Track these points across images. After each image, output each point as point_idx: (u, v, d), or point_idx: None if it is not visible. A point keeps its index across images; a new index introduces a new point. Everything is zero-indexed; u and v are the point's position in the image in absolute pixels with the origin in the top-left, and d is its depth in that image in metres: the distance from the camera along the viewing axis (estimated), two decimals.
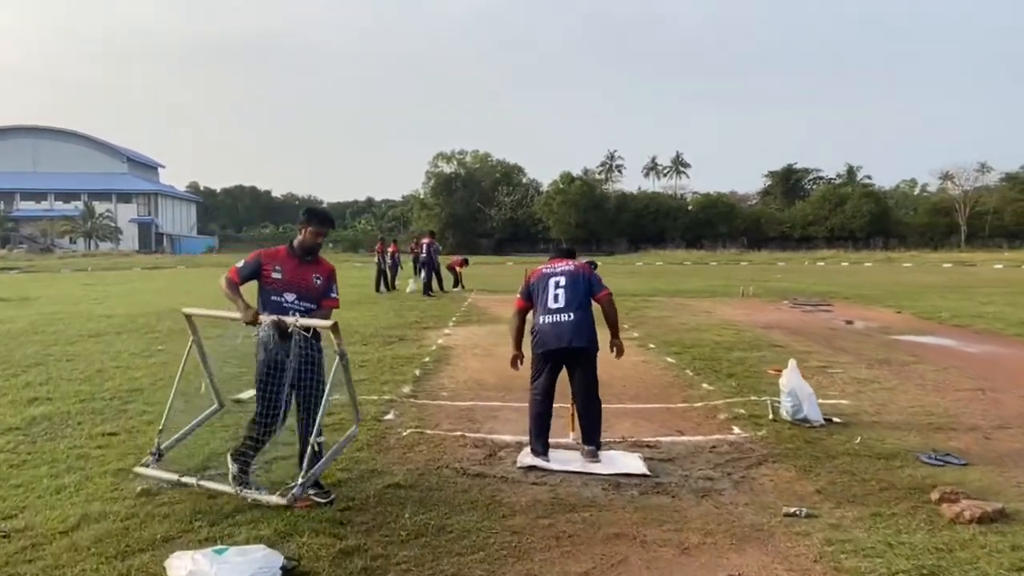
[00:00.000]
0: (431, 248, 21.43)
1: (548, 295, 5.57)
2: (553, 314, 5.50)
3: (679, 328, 13.20)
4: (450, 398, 7.67)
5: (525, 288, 5.80)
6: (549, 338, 5.48)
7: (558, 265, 5.77)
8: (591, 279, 5.66)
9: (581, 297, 5.55)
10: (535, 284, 5.72)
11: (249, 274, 4.94)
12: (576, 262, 5.80)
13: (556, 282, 5.62)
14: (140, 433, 6.13)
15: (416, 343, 11.53)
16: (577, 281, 5.59)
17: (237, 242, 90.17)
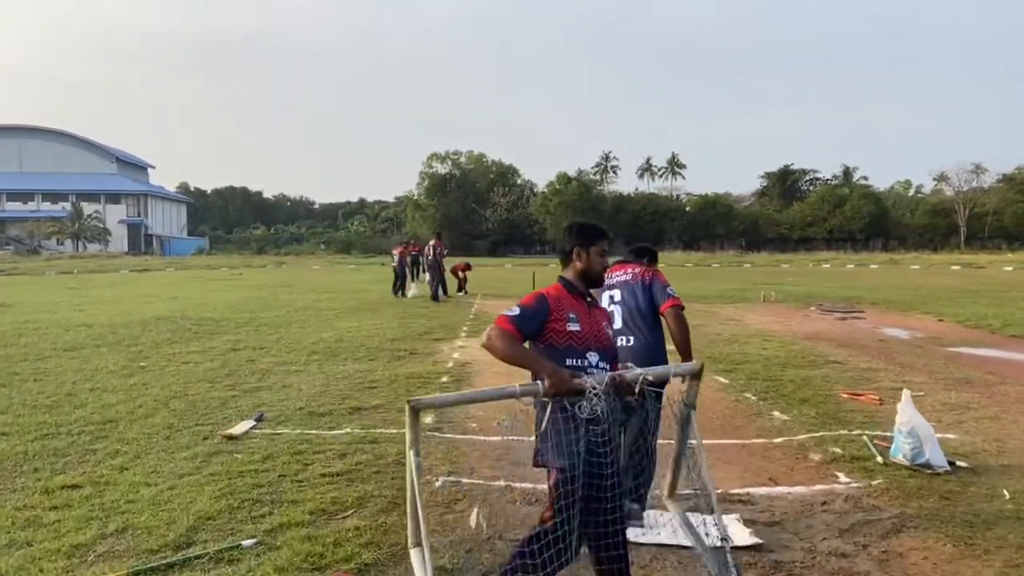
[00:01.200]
0: (438, 251, 20.23)
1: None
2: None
3: (716, 340, 12.04)
4: (481, 431, 6.49)
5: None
6: None
7: (616, 274, 4.58)
8: (651, 287, 4.45)
9: (643, 313, 4.38)
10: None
11: (537, 327, 3.16)
12: (640, 267, 4.62)
13: (611, 296, 4.51)
14: (109, 486, 4.91)
15: (429, 358, 10.34)
16: (634, 293, 4.44)
17: (228, 243, 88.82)
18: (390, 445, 5.87)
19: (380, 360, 10.09)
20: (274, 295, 22.20)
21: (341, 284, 28.69)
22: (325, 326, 13.93)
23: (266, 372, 9.19)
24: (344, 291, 24.14)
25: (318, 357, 10.30)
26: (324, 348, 11.13)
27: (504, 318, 3.10)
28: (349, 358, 10.24)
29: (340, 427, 6.46)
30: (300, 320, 14.91)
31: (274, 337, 12.36)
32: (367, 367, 9.51)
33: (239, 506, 4.52)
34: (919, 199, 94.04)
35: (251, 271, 43.59)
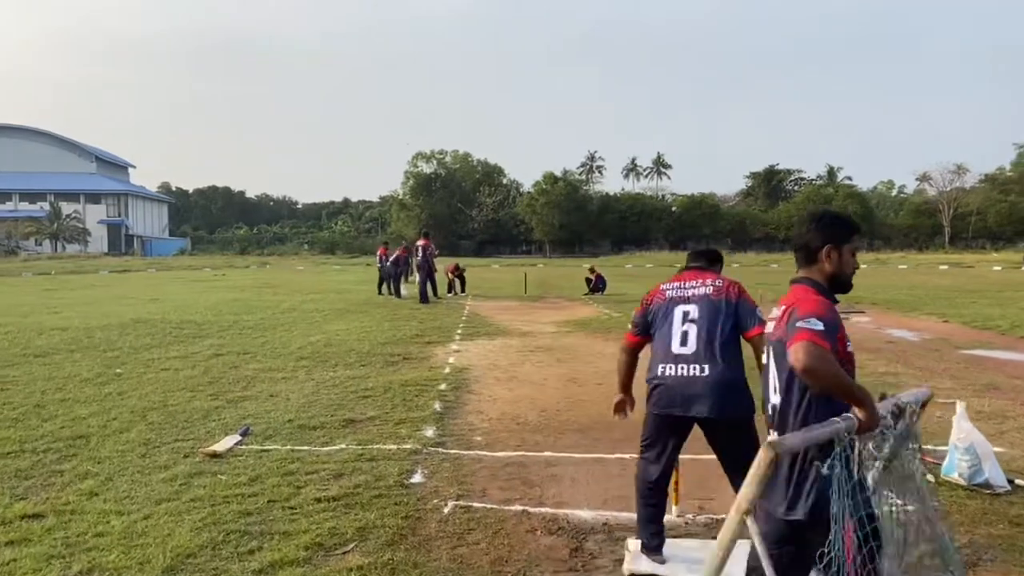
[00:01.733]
0: (427, 252, 19.65)
1: (672, 332, 3.74)
2: (679, 363, 3.67)
3: None
4: (488, 445, 5.96)
5: (641, 316, 3.95)
6: (672, 397, 3.68)
7: (691, 284, 3.84)
8: (739, 307, 3.71)
9: (724, 338, 3.65)
10: (655, 310, 3.88)
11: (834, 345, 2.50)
12: (721, 278, 3.88)
13: (684, 313, 3.75)
14: (76, 515, 4.35)
15: (424, 363, 9.80)
16: (717, 312, 3.69)
17: (210, 244, 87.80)
18: (389, 464, 5.33)
19: (372, 366, 9.53)
20: (258, 297, 21.58)
21: (326, 285, 28.07)
22: (312, 329, 13.35)
23: (251, 380, 8.62)
24: (330, 292, 23.54)
25: (306, 363, 9.74)
26: (312, 353, 10.56)
27: (812, 333, 2.39)
28: (339, 364, 9.68)
29: (334, 442, 5.92)
30: (286, 323, 14.32)
31: (259, 341, 11.78)
32: (359, 373, 8.96)
33: (224, 540, 3.97)
34: (902, 199, 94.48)
35: (234, 272, 42.81)
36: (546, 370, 9.35)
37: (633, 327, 4.03)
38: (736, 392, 3.63)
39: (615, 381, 4.22)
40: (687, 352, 3.67)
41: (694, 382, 3.62)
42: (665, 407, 3.72)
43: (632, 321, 4.05)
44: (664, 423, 3.78)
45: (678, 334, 3.73)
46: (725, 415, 3.61)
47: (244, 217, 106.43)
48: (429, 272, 19.57)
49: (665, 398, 3.71)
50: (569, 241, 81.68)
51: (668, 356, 3.73)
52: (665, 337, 3.77)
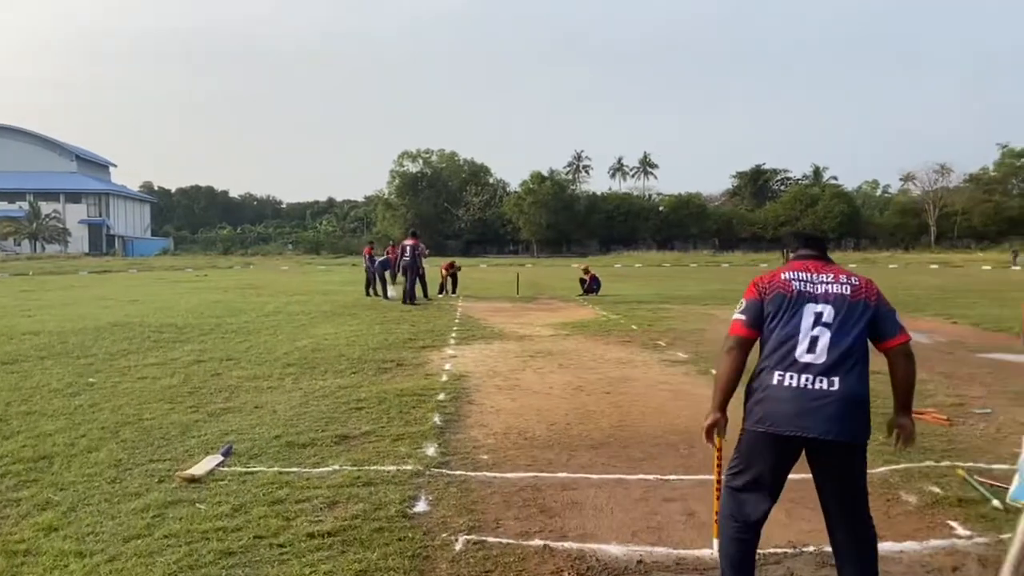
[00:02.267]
0: (416, 251, 19.03)
1: (800, 334, 3.08)
2: (803, 373, 3.03)
3: None
4: (496, 465, 5.41)
5: (756, 303, 3.20)
6: (784, 413, 3.03)
7: (822, 278, 3.17)
8: (878, 311, 3.12)
9: (859, 348, 3.07)
10: (773, 303, 3.16)
11: None
12: (855, 275, 3.24)
13: (817, 314, 3.09)
14: (30, 557, 3.76)
15: (419, 370, 9.22)
16: (854, 316, 3.08)
17: (193, 244, 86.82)
18: (389, 489, 4.77)
19: (364, 373, 8.95)
20: (242, 298, 20.91)
21: (312, 286, 27.41)
22: (299, 333, 12.75)
23: (235, 389, 8.03)
24: (316, 293, 22.90)
25: (293, 370, 9.14)
26: (300, 359, 9.97)
27: None
28: (329, 371, 9.10)
29: (326, 463, 5.35)
30: (271, 326, 13.70)
31: (243, 346, 11.17)
32: (350, 382, 8.38)
33: None
34: (887, 199, 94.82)
35: (217, 272, 42.02)
36: (549, 377, 8.81)
37: (745, 317, 3.21)
38: (864, 411, 3.06)
39: (634, 390, 3.65)
40: (815, 361, 3.02)
41: (818, 397, 2.99)
42: (773, 424, 3.05)
43: (742, 309, 3.23)
44: (769, 444, 3.10)
45: (806, 338, 3.06)
46: (848, 437, 3.02)
47: (227, 217, 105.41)
48: (418, 272, 18.99)
49: (776, 413, 3.04)
50: (556, 241, 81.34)
51: (788, 362, 3.06)
52: (787, 339, 3.08)
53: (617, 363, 9.78)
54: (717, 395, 3.26)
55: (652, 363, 9.77)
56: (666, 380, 8.60)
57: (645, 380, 8.60)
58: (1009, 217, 76.02)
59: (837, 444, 3.01)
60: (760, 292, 3.21)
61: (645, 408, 7.17)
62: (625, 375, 8.93)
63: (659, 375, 8.93)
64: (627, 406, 7.26)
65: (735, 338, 3.22)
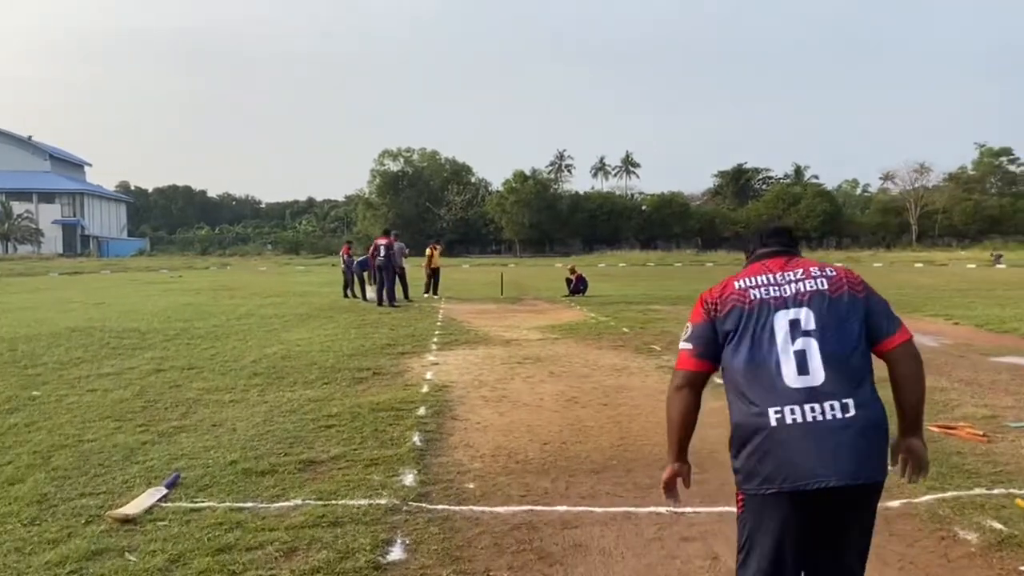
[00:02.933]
0: (390, 250, 18.21)
1: (779, 353, 2.36)
2: (804, 402, 2.30)
3: None
4: (485, 496, 4.69)
5: (706, 326, 2.52)
6: (804, 461, 2.27)
7: (788, 276, 2.50)
8: (869, 305, 2.44)
9: (860, 354, 2.38)
10: (729, 320, 2.48)
11: None
12: (829, 265, 2.56)
13: (792, 322, 2.40)
14: None
15: (398, 380, 8.48)
16: (842, 315, 2.41)
17: (170, 244, 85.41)
18: (359, 530, 4.04)
19: (337, 383, 8.20)
20: (214, 300, 20.03)
21: (289, 287, 26.54)
22: (270, 338, 11.96)
23: (193, 404, 7.25)
24: (292, 295, 22.06)
25: (260, 381, 8.37)
26: (268, 368, 9.20)
27: None
28: (299, 381, 8.34)
29: (287, 495, 4.61)
30: (241, 331, 12.89)
31: (208, 353, 10.37)
32: (321, 394, 7.63)
33: None
34: (867, 198, 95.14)
35: (192, 273, 40.99)
36: (539, 387, 8.10)
37: (692, 346, 2.52)
38: (885, 438, 2.37)
39: (632, 401, 2.99)
40: (813, 383, 2.31)
41: (836, 430, 2.27)
42: (791, 479, 2.27)
43: (687, 335, 2.55)
44: (787, 508, 2.32)
45: (790, 356, 2.35)
46: (878, 476, 2.32)
47: (206, 217, 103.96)
48: (396, 273, 18.20)
49: (791, 464, 2.27)
50: (539, 240, 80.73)
51: (780, 393, 2.32)
52: (763, 363, 2.37)
53: (611, 370, 9.09)
54: (672, 443, 2.59)
55: (649, 370, 9.08)
56: (665, 390, 7.89)
57: (643, 390, 7.92)
58: (989, 216, 76.45)
59: (862, 488, 2.29)
60: (709, 310, 2.52)
61: (646, 423, 6.48)
62: (621, 384, 8.24)
63: (657, 384, 8.24)
64: (627, 421, 6.58)
65: (683, 374, 2.54)
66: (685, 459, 2.60)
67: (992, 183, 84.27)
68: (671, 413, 2.57)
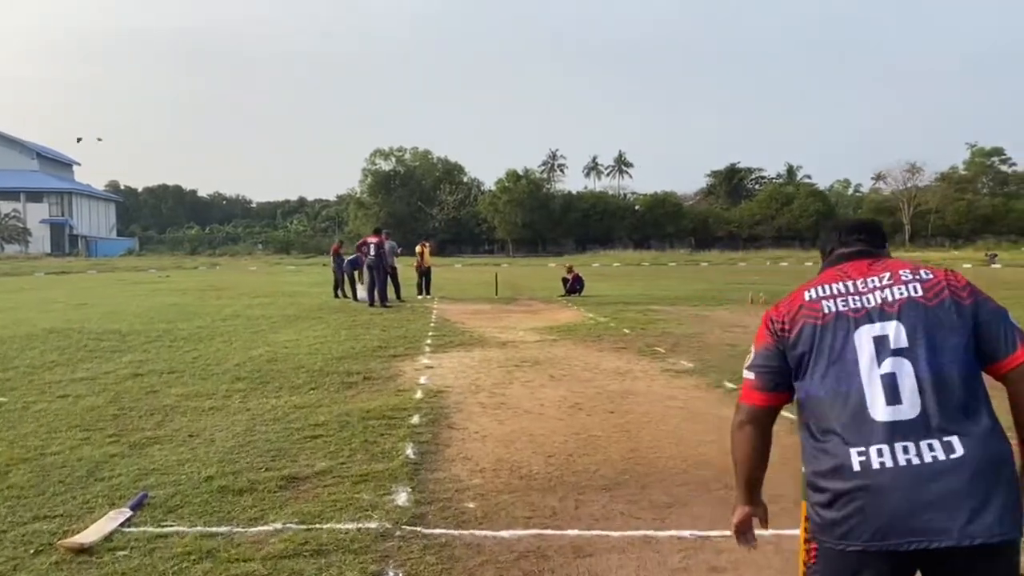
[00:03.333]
0: (380, 249, 17.71)
1: (859, 379, 1.89)
2: (893, 440, 1.82)
3: (737, 352, 9.95)
4: (486, 518, 4.22)
5: (773, 351, 2.06)
6: (894, 515, 1.78)
7: (871, 282, 2.00)
8: (979, 313, 1.92)
9: (970, 376, 1.87)
10: (801, 342, 2.00)
11: None
12: (926, 267, 2.07)
13: (878, 339, 1.91)
14: None
15: (390, 385, 8.00)
16: (942, 323, 1.91)
17: (160, 244, 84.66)
18: (346, 561, 3.56)
19: (325, 389, 7.72)
20: (200, 301, 19.49)
21: (278, 287, 26.01)
22: (256, 340, 11.46)
23: (170, 411, 6.76)
24: (281, 295, 21.54)
25: (243, 386, 7.88)
26: (252, 371, 8.70)
27: None
28: (284, 386, 7.85)
29: (266, 518, 4.13)
30: (226, 332, 12.38)
31: (190, 356, 9.87)
32: (308, 400, 7.15)
33: None
34: (859, 198, 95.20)
35: (180, 273, 40.40)
36: (540, 392, 7.63)
37: (756, 376, 2.08)
38: (1011, 480, 1.84)
39: (640, 408, 2.66)
40: (907, 416, 1.83)
41: (935, 475, 1.78)
42: (877, 536, 1.80)
43: (751, 362, 2.11)
44: (870, 569, 1.84)
45: (876, 382, 1.87)
46: (1003, 533, 1.77)
47: (196, 217, 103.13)
48: (387, 272, 17.71)
49: (872, 520, 1.81)
50: (532, 240, 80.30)
51: (866, 429, 1.85)
52: (846, 392, 1.90)
53: (615, 374, 8.63)
54: (741, 483, 2.14)
55: (654, 374, 8.63)
56: (674, 395, 7.47)
57: (650, 395, 7.46)
58: (983, 216, 76.47)
59: (982, 549, 1.76)
60: (776, 332, 2.05)
61: (658, 432, 6.03)
62: (627, 389, 7.78)
63: (665, 388, 7.80)
64: (636, 430, 6.12)
65: (746, 409, 2.09)
66: (759, 499, 2.17)
67: (984, 183, 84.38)
68: (736, 453, 2.14)
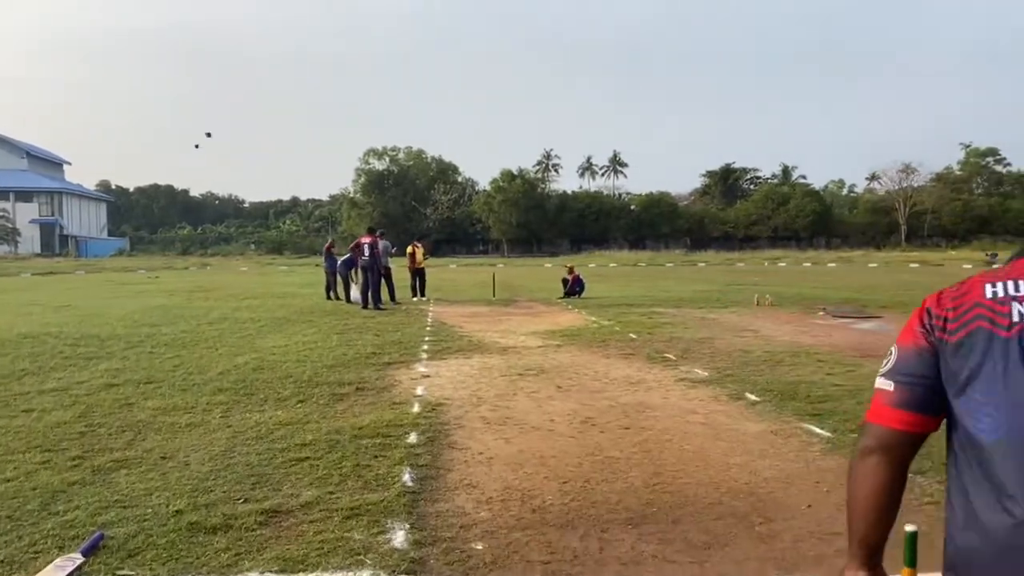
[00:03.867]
0: (374, 249, 17.13)
1: None
2: None
3: (752, 359, 9.40)
4: (497, 562, 3.62)
5: (921, 355, 1.42)
6: None
7: None
8: None
9: None
10: (970, 350, 1.34)
11: None
12: None
13: None
14: None
15: (384, 397, 7.40)
16: None
17: (152, 244, 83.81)
18: None
19: (314, 402, 7.11)
20: (187, 303, 18.84)
21: (269, 288, 25.38)
22: (243, 346, 10.85)
23: (143, 428, 6.16)
24: (271, 296, 20.90)
25: (225, 398, 7.27)
26: (236, 381, 8.09)
27: None
28: (270, 398, 7.25)
29: (241, 563, 3.54)
30: (211, 337, 11.77)
31: (171, 364, 9.26)
32: (295, 415, 6.54)
33: None
34: (853, 198, 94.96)
35: (170, 274, 39.71)
36: (547, 404, 7.04)
37: (894, 386, 1.46)
38: None
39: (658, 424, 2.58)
40: None
41: None
42: None
43: (889, 366, 1.48)
44: None
45: None
46: None
47: (188, 216, 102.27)
48: (381, 273, 17.12)
49: None
50: (527, 240, 79.72)
51: None
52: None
53: (626, 384, 8.04)
54: (856, 536, 1.49)
55: (669, 383, 8.04)
56: (692, 408, 6.89)
57: (668, 408, 6.88)
58: (979, 216, 76.16)
59: None
60: (933, 328, 1.44)
61: (681, 453, 5.44)
62: (641, 401, 7.19)
63: (683, 400, 7.22)
64: (657, 450, 5.53)
65: (875, 431, 1.48)
66: (879, 563, 1.49)
67: (979, 183, 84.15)
68: (854, 492, 1.49)
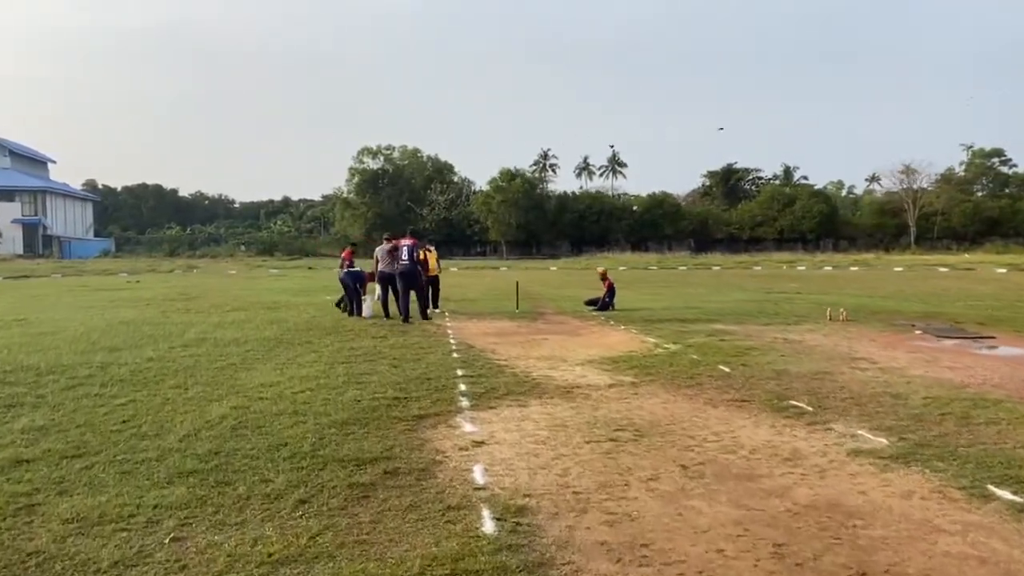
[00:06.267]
0: (413, 253, 14.54)
1: None
2: None
3: (919, 411, 6.84)
4: None
5: None
6: None
7: None
8: None
9: None
10: None
11: None
12: None
13: None
14: None
15: (428, 489, 4.80)
16: None
17: (138, 245, 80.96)
18: None
19: (318, 508, 4.51)
20: (162, 316, 16.11)
21: (258, 295, 22.68)
22: (221, 383, 8.26)
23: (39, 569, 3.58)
24: (261, 307, 18.15)
25: (183, 493, 4.69)
26: (205, 456, 5.50)
27: None
28: (252, 497, 4.66)
29: None
30: (182, 369, 9.17)
31: (118, 418, 6.66)
32: (292, 542, 3.97)
33: None
34: (853, 199, 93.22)
35: (154, 277, 36.99)
36: (688, 509, 4.49)
37: None
38: None
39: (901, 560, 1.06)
40: None
41: None
42: None
43: None
44: None
45: None
46: None
47: (177, 217, 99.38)
48: (419, 282, 14.62)
49: None
50: (526, 242, 77.27)
51: None
52: None
53: (779, 461, 5.46)
54: None
55: (842, 460, 5.44)
56: (927, 517, 4.33)
57: (885, 518, 4.32)
58: (989, 217, 74.17)
59: None
60: None
61: None
62: (832, 501, 4.60)
63: (895, 500, 4.64)
64: None
65: None
66: None
67: (983, 184, 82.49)
68: None
